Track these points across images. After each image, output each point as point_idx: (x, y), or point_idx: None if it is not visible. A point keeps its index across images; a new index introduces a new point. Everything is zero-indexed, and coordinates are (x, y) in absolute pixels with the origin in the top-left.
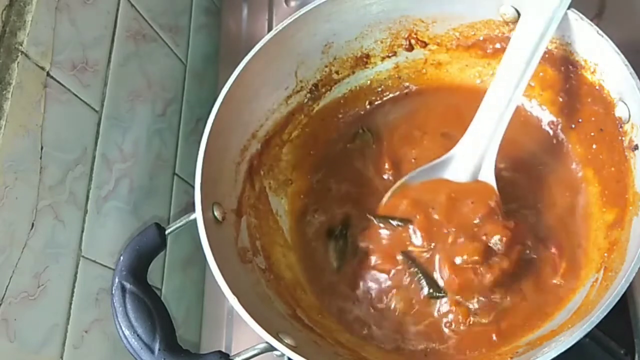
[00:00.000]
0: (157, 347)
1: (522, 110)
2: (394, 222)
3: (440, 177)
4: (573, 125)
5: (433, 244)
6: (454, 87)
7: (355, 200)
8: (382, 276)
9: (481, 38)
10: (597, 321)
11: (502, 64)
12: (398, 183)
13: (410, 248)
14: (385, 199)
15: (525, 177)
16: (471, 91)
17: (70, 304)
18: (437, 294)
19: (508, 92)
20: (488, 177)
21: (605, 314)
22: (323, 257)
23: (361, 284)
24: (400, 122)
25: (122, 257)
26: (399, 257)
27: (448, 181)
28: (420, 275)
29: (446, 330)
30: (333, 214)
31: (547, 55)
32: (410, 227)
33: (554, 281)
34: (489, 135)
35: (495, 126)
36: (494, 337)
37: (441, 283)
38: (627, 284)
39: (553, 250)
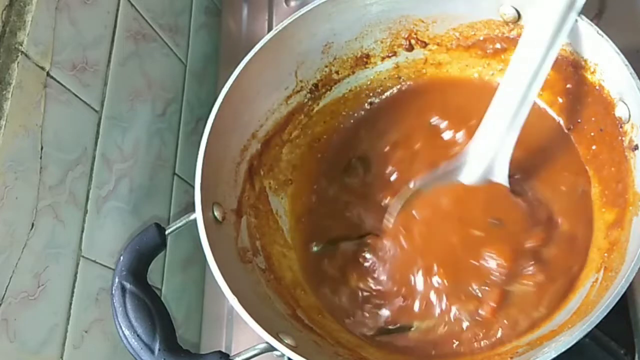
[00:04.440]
0: (157, 347)
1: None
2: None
3: (453, 181)
4: (572, 126)
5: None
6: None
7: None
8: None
9: (481, 38)
10: (597, 321)
11: (514, 58)
12: (410, 192)
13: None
14: (395, 211)
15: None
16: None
17: (70, 304)
18: None
19: (523, 88)
20: (501, 177)
21: (605, 314)
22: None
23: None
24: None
25: (122, 257)
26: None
27: (462, 185)
28: None
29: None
30: None
31: None
32: None
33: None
34: (503, 134)
35: (510, 124)
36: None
37: None
38: (627, 284)
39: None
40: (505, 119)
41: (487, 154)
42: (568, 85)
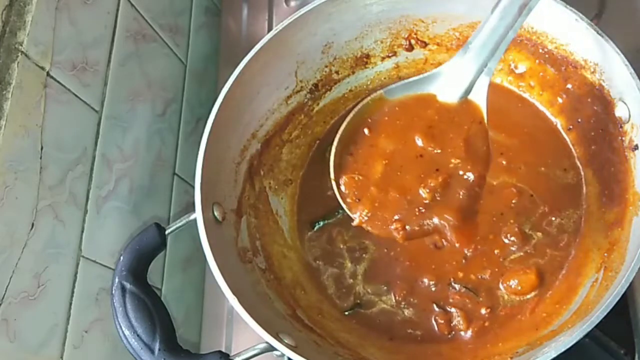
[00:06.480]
0: (157, 347)
1: (528, 101)
2: None
3: (425, 92)
4: (571, 127)
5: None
6: None
7: None
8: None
9: None
10: (597, 321)
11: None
12: (375, 94)
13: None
14: (354, 113)
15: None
16: None
17: (70, 304)
18: None
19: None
20: (479, 96)
21: (605, 314)
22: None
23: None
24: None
25: (122, 257)
26: None
27: (434, 97)
28: None
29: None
30: None
31: (547, 56)
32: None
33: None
34: (488, 53)
35: (497, 44)
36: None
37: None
38: (627, 284)
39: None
40: (497, 35)
41: (468, 71)
42: (568, 85)
